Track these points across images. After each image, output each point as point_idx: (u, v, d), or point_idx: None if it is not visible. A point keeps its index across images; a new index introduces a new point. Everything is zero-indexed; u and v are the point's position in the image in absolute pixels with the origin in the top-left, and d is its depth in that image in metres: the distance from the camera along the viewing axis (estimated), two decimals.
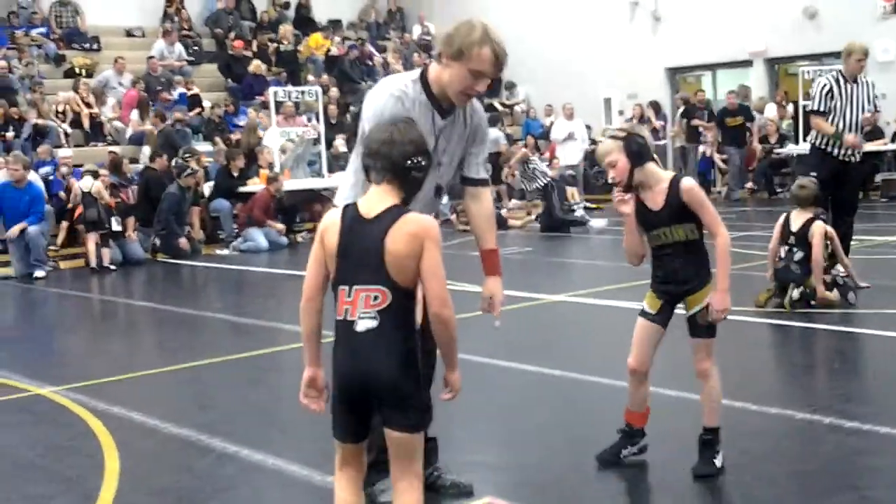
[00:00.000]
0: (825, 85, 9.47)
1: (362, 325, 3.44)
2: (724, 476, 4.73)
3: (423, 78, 4.36)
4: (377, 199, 3.53)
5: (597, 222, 16.75)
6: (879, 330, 7.67)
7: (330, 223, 3.56)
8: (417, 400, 3.47)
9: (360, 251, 3.46)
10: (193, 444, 5.71)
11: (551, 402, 6.18)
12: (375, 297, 3.42)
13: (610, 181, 4.70)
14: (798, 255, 8.43)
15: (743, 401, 5.90)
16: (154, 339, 9.87)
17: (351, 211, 3.54)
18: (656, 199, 4.66)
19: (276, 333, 8.88)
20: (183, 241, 15.04)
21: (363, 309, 3.43)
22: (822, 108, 9.51)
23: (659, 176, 4.68)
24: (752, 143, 20.13)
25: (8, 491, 5.16)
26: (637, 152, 4.60)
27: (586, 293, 10.04)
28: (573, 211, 17.99)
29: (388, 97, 4.26)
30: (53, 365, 8.51)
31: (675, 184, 4.62)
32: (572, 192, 19.61)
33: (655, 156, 4.72)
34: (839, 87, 9.49)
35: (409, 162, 3.55)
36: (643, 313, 4.85)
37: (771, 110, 20.48)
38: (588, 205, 19.70)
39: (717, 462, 4.68)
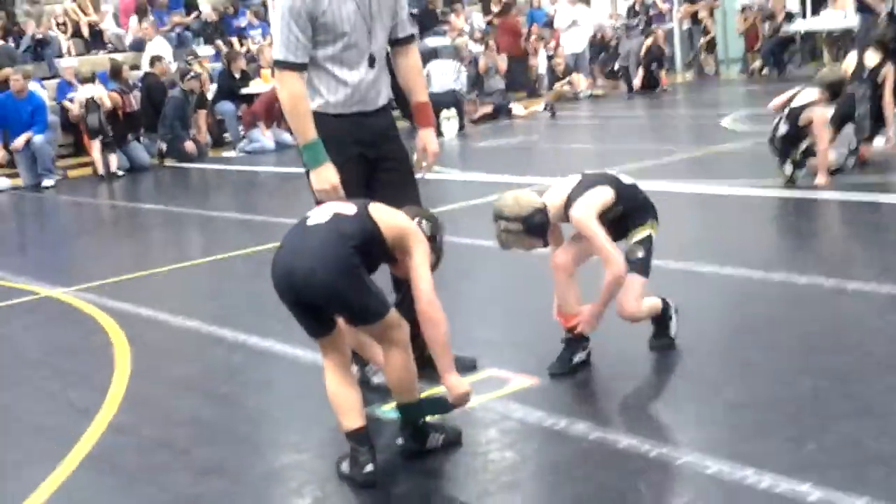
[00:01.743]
0: None
1: (314, 219, 3.61)
2: (724, 346, 4.77)
3: None
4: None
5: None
6: (883, 196, 7.66)
7: None
8: (361, 299, 3.56)
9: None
10: (203, 335, 5.79)
11: (551, 282, 6.21)
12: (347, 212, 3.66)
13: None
14: (782, 129, 8.24)
15: (746, 268, 5.92)
16: (162, 239, 9.92)
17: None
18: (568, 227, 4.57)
19: (284, 229, 8.86)
20: (189, 145, 15.00)
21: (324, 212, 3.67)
22: None
23: (558, 209, 4.48)
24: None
25: (23, 388, 5.26)
26: (541, 229, 4.38)
27: None
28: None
29: None
30: (64, 268, 8.58)
31: (566, 214, 4.47)
32: (578, 79, 19.44)
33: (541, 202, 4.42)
34: None
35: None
36: None
37: None
38: (594, 91, 19.54)
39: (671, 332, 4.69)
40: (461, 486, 3.66)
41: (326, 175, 4.25)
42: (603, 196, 4.50)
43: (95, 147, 14.11)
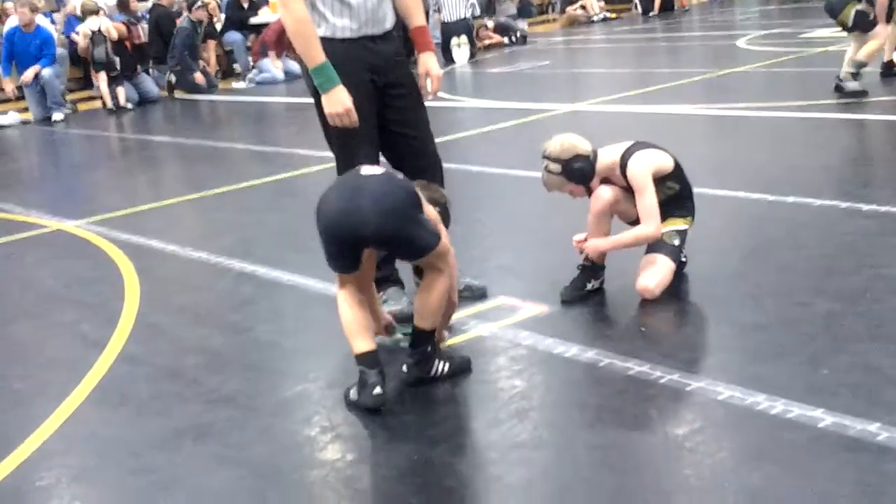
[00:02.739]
0: None
1: (368, 171, 3.65)
2: (737, 269, 4.72)
3: None
4: None
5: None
6: None
7: None
8: (418, 233, 3.61)
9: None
10: (212, 265, 5.77)
11: (566, 210, 6.15)
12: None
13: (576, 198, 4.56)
14: None
15: (759, 191, 5.85)
16: (172, 171, 9.89)
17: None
18: (621, 184, 4.47)
19: (293, 159, 8.85)
20: (198, 76, 14.89)
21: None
22: None
23: (612, 164, 4.44)
24: None
25: (35, 320, 5.26)
26: (580, 175, 4.38)
27: (605, 100, 9.89)
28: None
29: None
30: (74, 201, 8.56)
31: (623, 168, 4.42)
32: (591, 2, 19.18)
33: (590, 151, 4.43)
34: None
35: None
36: None
37: None
38: (608, 14, 19.28)
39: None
40: (470, 414, 3.64)
41: (339, 97, 4.16)
42: (662, 159, 4.48)
43: (102, 80, 14.02)
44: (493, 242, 5.64)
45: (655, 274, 4.41)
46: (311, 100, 4.35)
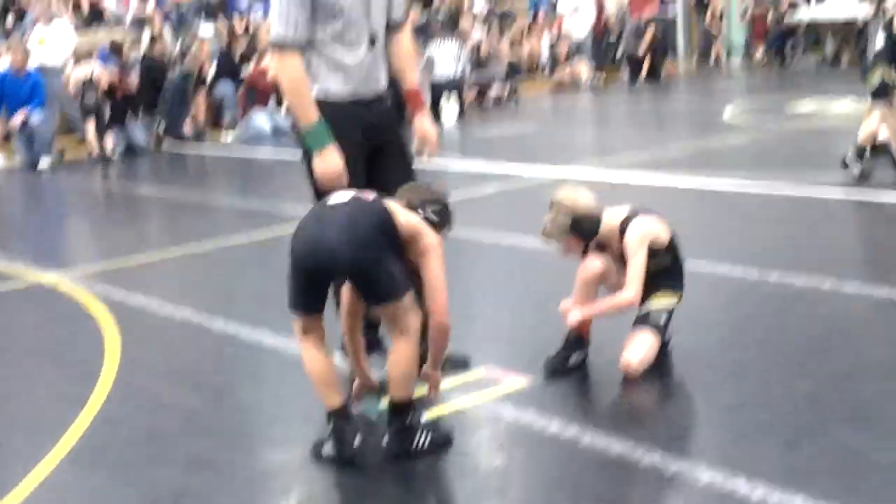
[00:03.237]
0: None
1: (335, 199, 3.64)
2: (719, 346, 4.73)
3: None
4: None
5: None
6: (884, 196, 7.62)
7: None
8: (385, 272, 3.57)
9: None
10: (195, 325, 5.74)
11: (549, 276, 6.16)
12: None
13: (566, 254, 4.53)
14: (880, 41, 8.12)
15: (743, 265, 5.88)
16: (156, 224, 9.88)
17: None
18: (615, 249, 4.49)
19: (279, 217, 8.84)
20: (187, 127, 14.93)
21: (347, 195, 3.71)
22: None
23: (612, 228, 4.47)
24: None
25: (14, 374, 5.22)
26: (586, 230, 4.40)
27: (590, 167, 9.95)
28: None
29: None
30: (56, 252, 8.53)
31: (622, 233, 4.44)
32: (580, 67, 19.36)
33: (598, 210, 4.45)
34: None
35: (428, 206, 3.86)
36: None
37: None
38: (595, 79, 19.46)
39: None
40: (448, 490, 3.62)
41: (331, 158, 4.17)
42: (660, 230, 4.51)
43: (90, 127, 14.02)
44: (477, 310, 5.64)
45: (639, 351, 4.41)
46: (298, 156, 4.38)
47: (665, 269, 4.54)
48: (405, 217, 3.71)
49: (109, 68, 14.68)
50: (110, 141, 14.04)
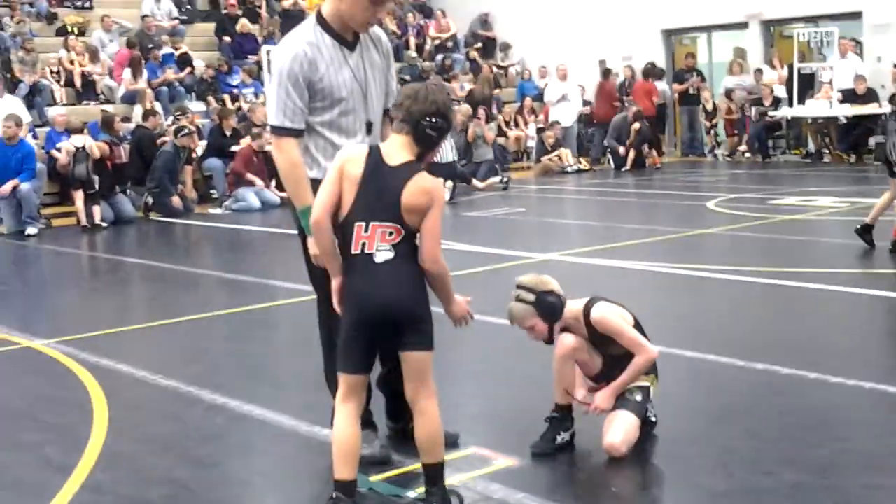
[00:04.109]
0: None
1: (381, 257, 3.72)
2: (706, 433, 4.77)
3: (321, 20, 4.40)
4: (397, 149, 3.81)
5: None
6: (866, 289, 7.72)
7: (354, 156, 3.84)
8: (429, 322, 3.78)
9: (379, 192, 3.74)
10: (182, 395, 5.74)
11: (537, 357, 6.20)
12: (390, 233, 3.73)
13: (534, 338, 4.59)
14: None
15: (728, 355, 5.94)
16: (144, 294, 9.88)
17: (375, 153, 3.81)
18: (582, 334, 4.61)
19: (267, 290, 8.90)
20: (175, 200, 15.02)
21: (380, 243, 3.72)
22: None
23: (575, 313, 4.58)
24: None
25: (0, 441, 5.20)
26: (551, 310, 4.49)
27: (576, 252, 10.05)
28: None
29: (290, 58, 4.33)
30: (44, 319, 8.53)
31: (586, 317, 4.56)
32: (566, 154, 19.60)
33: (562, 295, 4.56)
34: None
35: (425, 120, 3.78)
36: None
37: (767, 73, 20.38)
38: (581, 166, 19.69)
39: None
40: None
41: None
42: (624, 313, 4.61)
43: (79, 197, 14.09)
44: (466, 389, 5.67)
45: (620, 431, 4.46)
46: (286, 230, 4.45)
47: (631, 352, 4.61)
48: (417, 185, 3.73)
49: (101, 140, 14.81)
50: (98, 211, 14.10)
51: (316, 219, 3.82)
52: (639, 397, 4.57)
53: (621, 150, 19.39)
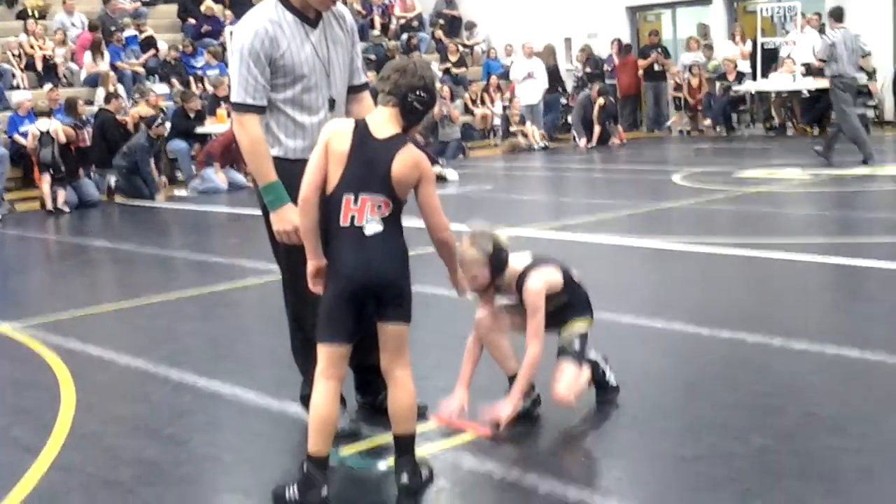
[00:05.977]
0: None
1: (371, 230, 3.72)
2: (674, 402, 4.81)
3: None
4: (384, 122, 3.80)
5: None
6: (829, 257, 7.79)
7: (339, 131, 3.82)
8: (410, 296, 3.81)
9: (368, 164, 3.73)
10: (150, 375, 5.72)
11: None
12: (379, 206, 3.73)
13: (469, 292, 4.50)
14: None
15: (695, 324, 5.98)
16: (111, 277, 9.83)
17: (361, 127, 3.79)
18: (511, 298, 4.66)
19: (235, 270, 8.85)
20: (163, 180, 15.02)
21: (370, 215, 3.71)
22: None
23: (515, 273, 4.60)
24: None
25: None
26: (500, 266, 4.51)
27: (542, 227, 10.08)
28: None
29: (251, 35, 4.31)
30: (10, 303, 8.46)
31: (519, 284, 4.57)
32: (532, 130, 19.61)
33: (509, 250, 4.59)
34: None
35: (413, 93, 3.78)
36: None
37: (729, 48, 20.46)
38: (548, 143, 19.72)
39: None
40: None
41: (288, 215, 4.23)
42: (554, 277, 4.64)
43: (45, 181, 13.97)
44: (434, 361, 5.67)
45: (566, 381, 4.52)
46: (253, 211, 4.45)
47: (565, 305, 4.66)
48: (404, 159, 3.75)
49: (65, 124, 14.67)
50: (63, 195, 13.99)
51: (304, 197, 3.80)
52: (577, 345, 4.62)
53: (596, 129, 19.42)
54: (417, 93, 3.78)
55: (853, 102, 13.98)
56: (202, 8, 21.06)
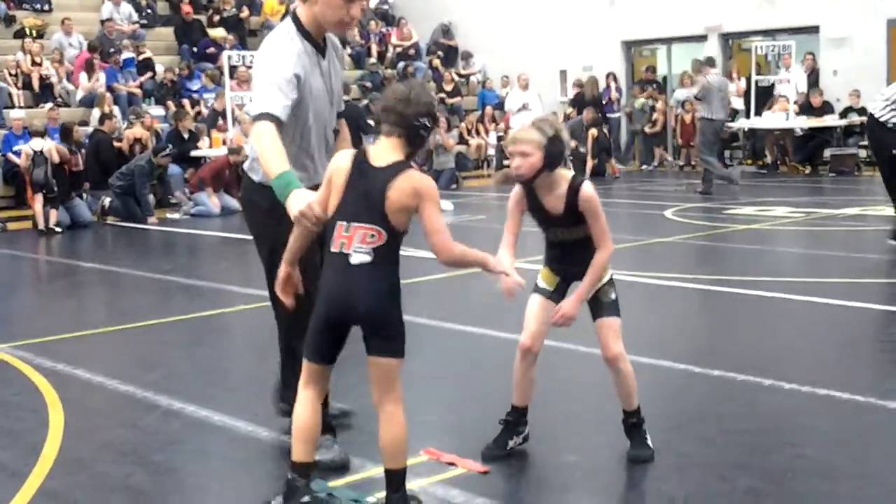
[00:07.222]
0: None
1: (357, 259, 3.71)
2: (662, 440, 4.79)
3: (297, 24, 4.39)
4: (386, 150, 3.80)
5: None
6: (819, 297, 7.81)
7: (339, 166, 3.83)
8: (399, 330, 3.77)
9: (363, 193, 3.73)
10: (139, 400, 5.70)
11: (497, 364, 6.23)
12: (372, 236, 3.72)
13: (515, 173, 4.38)
14: None
15: (684, 362, 5.99)
16: (101, 299, 9.80)
17: (360, 156, 3.80)
18: (555, 203, 4.44)
19: (225, 295, 8.84)
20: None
21: (358, 244, 3.71)
22: None
23: (561, 179, 4.42)
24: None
25: None
26: (556, 156, 4.32)
27: (535, 259, 10.09)
28: None
29: (284, 57, 4.28)
30: None
31: (574, 189, 4.39)
32: None
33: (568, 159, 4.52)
34: None
35: (418, 121, 3.79)
36: (539, 289, 4.68)
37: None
38: None
39: (649, 442, 4.58)
40: None
41: (301, 196, 3.89)
42: None
43: (38, 200, 13.97)
44: (425, 394, 5.67)
45: (617, 338, 4.48)
46: (242, 235, 4.44)
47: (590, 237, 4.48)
48: (402, 186, 3.71)
49: (60, 146, 14.66)
50: (55, 215, 13.98)
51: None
52: (613, 295, 4.51)
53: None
54: (422, 120, 3.80)
55: (715, 142, 16.31)
56: (201, 32, 21.12)
